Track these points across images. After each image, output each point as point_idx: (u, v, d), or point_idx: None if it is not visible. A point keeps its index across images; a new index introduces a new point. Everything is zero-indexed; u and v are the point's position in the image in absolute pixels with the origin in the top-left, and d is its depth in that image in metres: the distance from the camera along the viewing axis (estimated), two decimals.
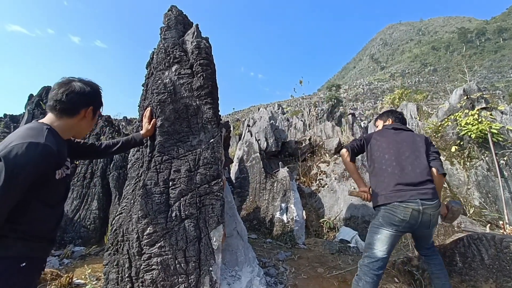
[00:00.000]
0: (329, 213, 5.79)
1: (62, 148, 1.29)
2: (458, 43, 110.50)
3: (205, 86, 2.47)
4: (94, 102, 1.44)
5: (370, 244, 2.11)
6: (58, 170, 1.26)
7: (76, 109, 1.36)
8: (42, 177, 1.17)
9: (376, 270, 2.02)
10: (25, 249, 1.17)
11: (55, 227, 1.37)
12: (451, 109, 6.80)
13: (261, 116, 9.37)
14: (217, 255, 2.19)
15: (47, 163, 1.16)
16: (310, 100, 40.70)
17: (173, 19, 2.78)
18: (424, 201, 2.02)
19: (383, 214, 2.08)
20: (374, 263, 2.04)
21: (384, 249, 2.04)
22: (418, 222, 2.03)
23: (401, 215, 2.01)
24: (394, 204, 2.04)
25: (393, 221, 2.03)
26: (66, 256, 3.97)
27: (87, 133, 1.57)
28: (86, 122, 1.45)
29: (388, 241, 2.05)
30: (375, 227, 2.13)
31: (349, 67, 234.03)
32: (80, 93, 1.35)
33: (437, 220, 2.17)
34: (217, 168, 2.38)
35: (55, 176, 1.24)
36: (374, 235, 2.10)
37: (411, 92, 18.81)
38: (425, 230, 2.15)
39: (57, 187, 1.29)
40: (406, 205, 2.01)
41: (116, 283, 2.25)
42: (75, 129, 1.42)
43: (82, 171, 5.47)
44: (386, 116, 2.69)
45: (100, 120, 6.46)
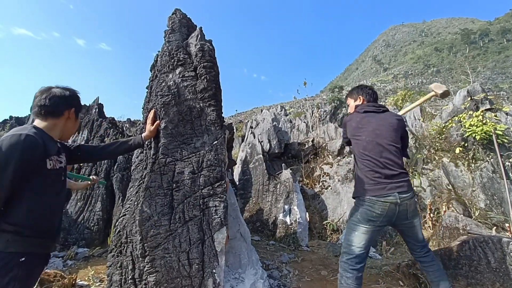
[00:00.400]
0: (332, 215, 5.76)
1: (48, 141, 1.38)
2: (461, 44, 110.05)
3: (209, 88, 2.47)
4: (75, 103, 1.58)
5: (348, 241, 2.12)
6: (48, 159, 1.34)
7: (60, 110, 1.49)
8: (32, 166, 1.26)
9: (355, 265, 2.04)
10: (25, 244, 1.23)
11: (52, 221, 1.40)
12: (455, 110, 6.76)
13: (264, 117, 9.37)
14: (220, 257, 2.18)
15: (32, 150, 1.25)
16: (313, 102, 40.65)
17: (177, 22, 2.79)
18: (401, 194, 2.01)
19: (361, 211, 2.07)
20: (352, 259, 2.05)
21: (362, 245, 2.05)
22: (396, 214, 2.04)
23: (378, 210, 2.01)
24: (372, 199, 2.03)
25: (370, 217, 2.03)
26: (70, 257, 3.99)
27: (73, 133, 1.69)
28: (71, 123, 1.59)
29: (365, 237, 2.05)
30: (352, 224, 2.12)
31: (351, 69, 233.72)
32: (61, 97, 1.49)
33: (416, 210, 2.16)
34: (221, 170, 2.38)
35: (46, 165, 1.33)
36: (352, 232, 2.11)
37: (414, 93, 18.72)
38: (405, 222, 2.13)
39: (50, 177, 1.36)
40: (385, 200, 2.00)
41: (119, 285, 2.25)
42: (61, 129, 1.53)
43: (86, 173, 5.50)
44: (356, 94, 2.53)
45: (104, 122, 6.50)
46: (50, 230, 1.38)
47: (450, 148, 6.22)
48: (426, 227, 5.20)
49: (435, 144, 6.56)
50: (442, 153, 6.30)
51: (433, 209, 5.34)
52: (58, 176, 1.43)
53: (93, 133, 6.41)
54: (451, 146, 6.18)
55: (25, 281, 1.24)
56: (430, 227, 5.13)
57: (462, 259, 2.75)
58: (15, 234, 1.21)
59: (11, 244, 1.19)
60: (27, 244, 1.24)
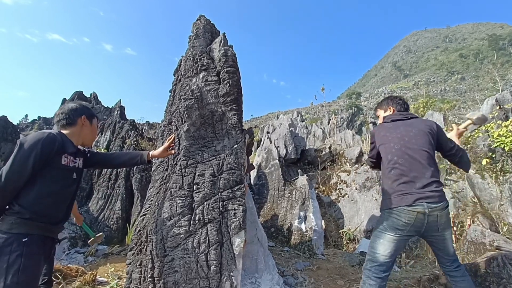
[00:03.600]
0: (349, 223, 5.64)
1: (67, 142, 1.65)
2: (489, 51, 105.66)
3: (231, 93, 2.51)
4: (84, 112, 1.85)
5: (373, 248, 2.04)
6: (64, 156, 1.59)
7: (73, 119, 1.78)
8: (49, 157, 1.50)
9: (379, 273, 1.96)
10: (25, 227, 1.42)
11: (56, 209, 1.59)
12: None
13: (280, 123, 9.37)
14: (238, 260, 2.19)
15: (50, 144, 1.51)
16: (329, 108, 40.17)
17: (201, 28, 2.87)
18: (430, 204, 1.91)
19: (387, 218, 2.00)
20: (376, 267, 1.98)
21: (387, 254, 1.97)
22: (424, 225, 1.93)
23: (405, 218, 1.92)
24: (399, 208, 1.95)
25: (396, 225, 1.95)
26: (91, 254, 4.12)
27: (93, 139, 1.97)
28: (87, 129, 1.85)
29: (391, 245, 1.97)
30: (378, 231, 2.05)
31: (370, 75, 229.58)
32: (72, 109, 1.80)
33: (447, 222, 2.03)
34: (240, 173, 2.40)
35: (61, 161, 1.57)
36: (377, 239, 2.03)
37: (436, 101, 18.11)
38: (435, 234, 2.01)
39: (63, 172, 1.60)
40: (411, 209, 1.91)
41: (138, 282, 2.30)
42: (81, 135, 1.81)
43: (107, 173, 5.69)
44: (386, 105, 2.44)
45: (125, 124, 6.72)
46: (52, 216, 1.56)
47: (476, 159, 5.96)
48: None
49: None
50: None
51: (456, 222, 5.12)
52: (70, 173, 1.65)
53: (115, 134, 6.63)
54: (477, 157, 5.92)
55: (31, 258, 1.40)
56: (454, 241, 4.91)
57: (489, 276, 2.61)
58: (18, 216, 1.41)
59: (14, 226, 1.39)
60: (28, 226, 1.43)
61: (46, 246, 1.53)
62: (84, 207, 5.47)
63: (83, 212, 5.35)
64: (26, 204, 1.44)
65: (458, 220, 5.17)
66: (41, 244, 1.48)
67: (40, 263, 1.49)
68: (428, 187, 1.96)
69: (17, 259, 1.34)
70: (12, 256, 1.34)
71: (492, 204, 5.04)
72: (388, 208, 2.02)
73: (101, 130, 6.88)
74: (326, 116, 16.63)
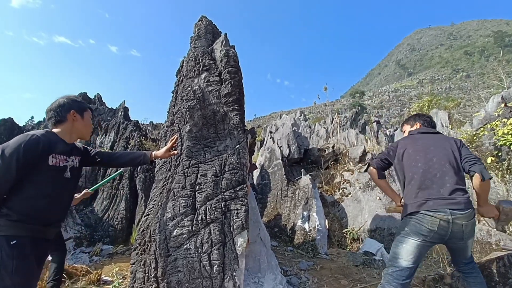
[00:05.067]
0: (352, 223, 5.62)
1: (56, 142, 1.60)
2: (494, 48, 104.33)
3: (233, 93, 2.52)
4: (73, 107, 1.75)
5: (395, 253, 2.02)
6: (51, 156, 1.53)
7: (62, 116, 1.70)
8: (33, 160, 1.45)
9: (401, 279, 1.93)
10: (13, 229, 1.40)
11: (46, 210, 1.54)
12: (487, 117, 6.42)
13: (283, 122, 9.35)
14: (240, 260, 2.19)
15: (33, 147, 1.45)
16: (332, 107, 40.03)
17: (203, 28, 2.88)
18: (454, 210, 1.88)
19: (410, 223, 1.98)
20: (398, 272, 1.95)
21: (410, 259, 1.94)
22: (448, 233, 1.91)
23: (428, 224, 1.90)
24: (420, 214, 1.93)
25: (420, 230, 1.93)
26: (96, 253, 4.16)
27: (89, 131, 1.88)
28: (79, 123, 1.77)
29: (415, 251, 1.94)
30: (401, 236, 2.03)
31: (374, 73, 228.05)
32: (59, 105, 1.71)
33: (472, 231, 2.01)
34: (243, 173, 2.41)
35: (48, 161, 1.51)
36: (400, 244, 2.01)
37: (441, 99, 17.94)
38: (459, 242, 2.00)
39: (51, 173, 1.54)
40: (434, 215, 1.89)
41: (142, 282, 2.32)
42: (73, 131, 1.74)
43: (112, 172, 5.73)
44: (413, 121, 2.51)
45: (129, 124, 6.76)
46: (43, 218, 1.52)
47: (481, 157, 5.90)
48: None
49: None
50: None
51: None
52: (60, 173, 1.60)
53: (119, 135, 6.68)
54: (483, 156, 5.86)
55: (22, 260, 1.39)
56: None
57: (495, 276, 2.59)
58: (6, 219, 1.39)
59: (2, 228, 1.38)
60: (17, 229, 1.41)
61: (38, 247, 1.49)
62: (89, 207, 5.53)
63: (88, 212, 5.40)
64: (14, 207, 1.42)
65: None
66: (32, 246, 1.45)
67: (33, 265, 1.45)
68: (452, 194, 1.95)
69: (8, 261, 1.34)
70: (3, 259, 1.34)
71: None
72: (409, 214, 2.01)
73: (105, 131, 6.93)
74: (330, 115, 16.58)
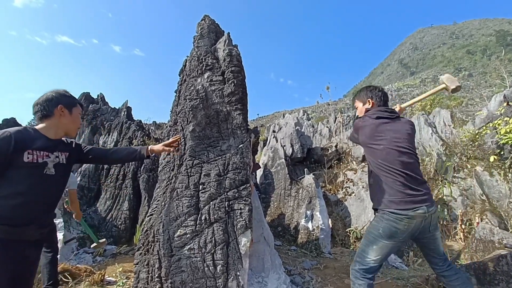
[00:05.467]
0: (356, 222, 5.61)
1: (35, 138, 1.56)
2: (497, 47, 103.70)
3: (236, 92, 2.52)
4: (61, 101, 1.70)
5: (364, 252, 2.01)
6: (26, 152, 1.48)
7: (49, 111, 1.66)
8: (5, 158, 1.42)
9: (367, 274, 1.97)
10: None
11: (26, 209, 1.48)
12: (489, 116, 6.38)
13: (286, 122, 9.35)
14: (244, 260, 2.19)
15: (4, 145, 1.42)
16: (335, 106, 39.96)
17: (206, 28, 2.88)
18: (428, 207, 1.88)
19: (384, 226, 1.92)
20: (365, 269, 1.97)
21: (377, 259, 1.95)
22: (420, 229, 1.92)
23: (403, 226, 1.87)
24: (398, 212, 1.88)
25: (393, 233, 1.90)
26: (99, 254, 4.17)
27: (76, 128, 1.80)
28: (66, 119, 1.72)
29: (383, 251, 1.94)
30: (372, 237, 1.98)
31: (376, 72, 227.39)
32: (47, 100, 1.66)
33: (437, 223, 2.02)
34: (246, 173, 2.41)
35: (23, 158, 1.46)
36: (370, 244, 1.98)
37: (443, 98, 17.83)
38: (427, 235, 2.01)
39: (26, 170, 1.48)
40: (414, 213, 1.86)
41: (146, 282, 2.32)
42: (59, 127, 1.70)
43: (115, 173, 5.76)
44: (365, 96, 2.35)
45: (132, 124, 6.78)
46: (18, 218, 1.45)
47: (484, 156, 5.87)
48: (457, 239, 4.93)
49: (467, 152, 6.22)
50: (475, 161, 5.96)
51: (464, 220, 5.05)
52: (38, 169, 1.53)
53: (122, 134, 6.70)
54: (485, 154, 5.83)
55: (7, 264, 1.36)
56: (462, 239, 4.85)
57: (498, 275, 2.57)
58: None
59: None
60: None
61: (13, 249, 1.42)
62: (92, 207, 5.55)
63: (91, 212, 5.42)
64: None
65: (467, 218, 5.10)
66: (16, 249, 1.41)
67: (7, 267, 1.39)
68: (424, 190, 1.95)
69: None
70: None
71: (501, 202, 4.96)
72: (386, 208, 1.95)
73: (108, 130, 6.96)
74: (332, 115, 16.53)
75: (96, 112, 8.09)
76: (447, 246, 4.78)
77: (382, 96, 2.32)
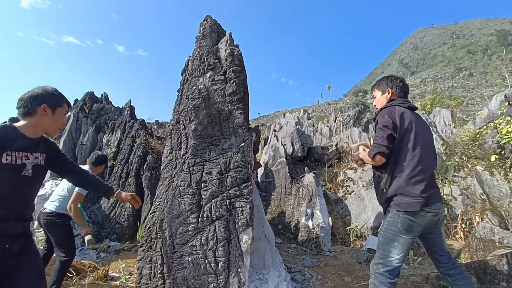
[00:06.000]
0: (356, 220, 5.64)
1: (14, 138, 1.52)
2: (497, 46, 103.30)
3: (238, 92, 2.55)
4: (46, 100, 1.63)
5: (386, 251, 1.95)
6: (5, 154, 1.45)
7: (32, 109, 1.59)
8: None
9: (393, 278, 1.91)
10: None
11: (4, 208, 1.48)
12: (490, 116, 6.40)
13: (287, 121, 9.38)
14: (245, 257, 2.23)
15: None
16: (336, 106, 39.95)
17: (208, 28, 2.91)
18: (440, 204, 1.91)
19: (403, 221, 1.90)
20: (390, 271, 1.91)
21: (400, 257, 1.92)
22: (431, 224, 1.94)
23: (421, 220, 1.88)
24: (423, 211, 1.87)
25: (411, 227, 1.90)
26: (103, 250, 4.22)
27: (57, 128, 1.73)
28: (48, 118, 1.64)
29: (405, 248, 1.92)
30: (391, 234, 1.94)
31: (377, 72, 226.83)
32: (32, 97, 1.60)
33: (443, 218, 2.05)
34: (247, 171, 2.44)
35: (1, 159, 1.44)
36: (390, 242, 1.94)
37: (444, 97, 17.84)
38: (433, 230, 2.03)
39: (4, 171, 1.46)
40: (430, 210, 1.87)
41: (149, 278, 2.36)
42: (40, 125, 1.63)
43: (118, 171, 5.80)
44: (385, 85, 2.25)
45: (135, 123, 6.82)
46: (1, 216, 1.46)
47: (484, 155, 5.89)
48: (457, 238, 4.95)
49: (468, 151, 6.24)
50: (475, 160, 5.98)
51: (465, 219, 5.08)
52: (16, 171, 1.51)
53: (125, 133, 6.74)
54: (486, 154, 5.85)
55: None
56: (462, 238, 4.88)
57: (499, 274, 2.60)
58: None
59: None
60: None
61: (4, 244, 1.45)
62: (96, 205, 5.60)
63: (95, 210, 5.47)
64: None
65: (467, 217, 5.12)
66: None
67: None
68: (437, 187, 1.98)
69: None
70: None
71: (501, 201, 4.98)
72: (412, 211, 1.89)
73: (112, 129, 7.01)
74: (333, 114, 16.55)
75: (100, 111, 8.14)
76: (447, 245, 4.81)
77: (403, 87, 2.24)
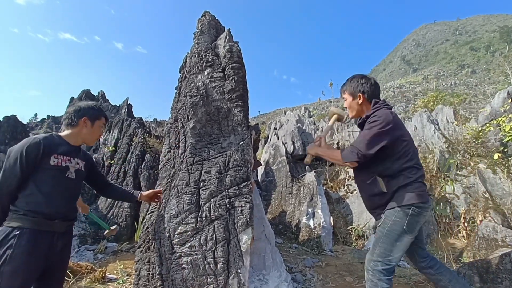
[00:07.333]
0: (357, 220, 5.60)
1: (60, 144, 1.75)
2: (500, 43, 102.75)
3: (237, 89, 2.49)
4: (87, 114, 1.89)
5: (387, 251, 1.92)
6: (53, 157, 1.67)
7: (75, 121, 1.86)
8: (35, 160, 1.62)
9: (390, 275, 1.93)
10: (19, 221, 1.56)
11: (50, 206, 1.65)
12: (493, 113, 6.33)
13: (288, 119, 9.32)
14: (245, 257, 2.18)
15: (35, 149, 1.62)
16: (337, 103, 39.80)
17: (206, 24, 2.85)
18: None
19: (409, 221, 1.87)
20: (389, 269, 1.92)
21: (400, 256, 1.92)
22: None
23: (422, 218, 1.91)
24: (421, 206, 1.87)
25: (415, 227, 1.91)
26: (100, 251, 4.18)
27: (94, 138, 2.00)
28: (87, 130, 1.90)
29: (405, 248, 1.93)
30: (396, 235, 1.90)
31: (378, 69, 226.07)
32: (76, 110, 1.87)
33: None
34: (247, 170, 2.39)
35: (50, 162, 1.66)
36: (394, 243, 1.91)
37: (446, 95, 17.75)
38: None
39: (52, 172, 1.67)
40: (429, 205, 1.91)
41: (147, 279, 2.32)
42: (80, 136, 1.88)
43: (116, 170, 5.75)
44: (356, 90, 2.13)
45: (133, 121, 6.77)
46: (46, 213, 1.63)
47: (487, 153, 5.83)
48: (460, 237, 4.91)
49: (470, 149, 6.17)
50: (478, 158, 5.92)
51: (467, 218, 5.03)
52: (62, 172, 1.72)
53: (123, 132, 6.70)
54: (488, 152, 5.79)
55: (19, 250, 1.51)
56: (465, 237, 4.83)
57: (501, 273, 2.56)
58: (15, 212, 1.58)
59: (11, 220, 1.56)
60: (21, 221, 1.56)
61: (41, 240, 1.60)
62: (93, 205, 5.55)
63: (92, 210, 5.43)
64: (19, 204, 1.59)
65: (469, 216, 5.07)
66: (33, 238, 1.56)
67: (31, 256, 1.54)
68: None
69: (6, 250, 1.48)
70: (4, 247, 1.48)
71: (504, 199, 4.92)
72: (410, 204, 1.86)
73: (109, 128, 6.96)
74: None
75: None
76: (449, 244, 4.76)
77: (374, 89, 2.15)
